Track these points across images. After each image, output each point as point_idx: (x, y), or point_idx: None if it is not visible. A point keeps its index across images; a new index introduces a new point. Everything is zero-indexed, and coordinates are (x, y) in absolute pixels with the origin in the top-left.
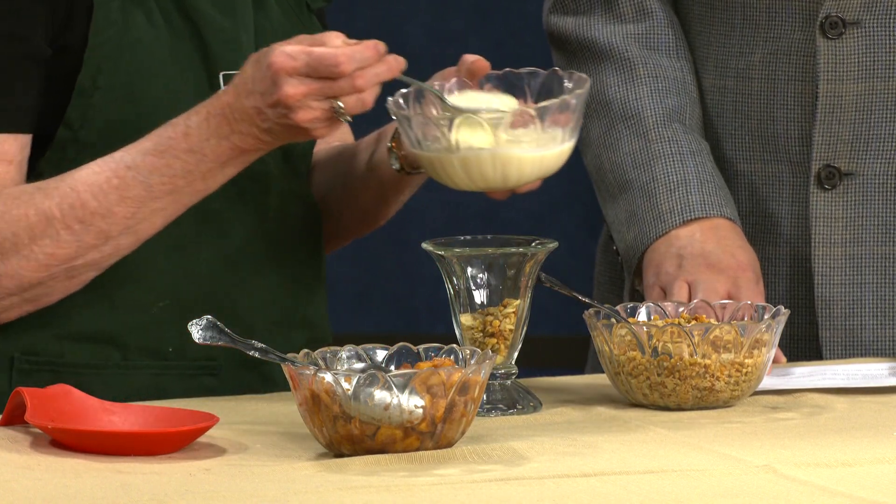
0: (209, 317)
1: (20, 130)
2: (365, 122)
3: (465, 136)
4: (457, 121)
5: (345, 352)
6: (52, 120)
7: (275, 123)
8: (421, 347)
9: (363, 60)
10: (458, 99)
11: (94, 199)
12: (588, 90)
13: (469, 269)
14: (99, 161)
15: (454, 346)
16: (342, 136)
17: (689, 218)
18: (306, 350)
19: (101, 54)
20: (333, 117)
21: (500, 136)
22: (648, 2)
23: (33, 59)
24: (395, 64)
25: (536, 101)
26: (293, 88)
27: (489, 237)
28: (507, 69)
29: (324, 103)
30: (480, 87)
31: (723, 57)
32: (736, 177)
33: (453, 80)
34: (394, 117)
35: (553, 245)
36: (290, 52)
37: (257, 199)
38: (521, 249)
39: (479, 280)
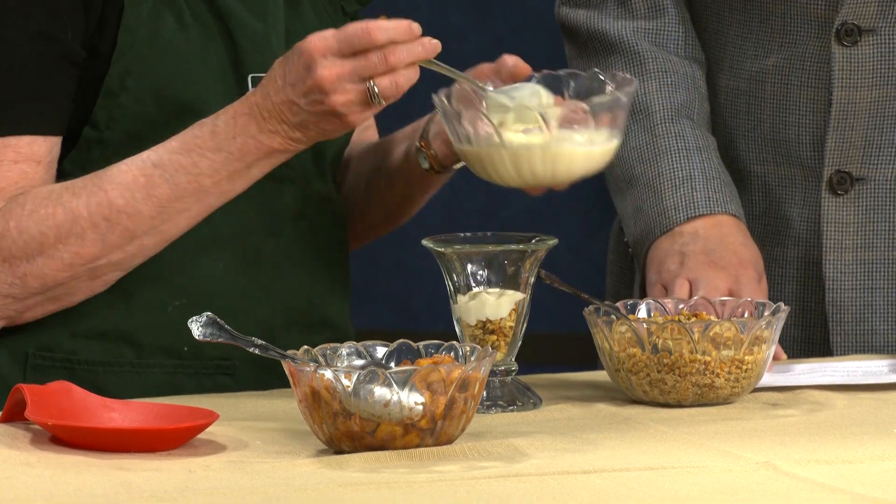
0: (209, 313)
1: (49, 133)
2: (397, 117)
3: (514, 132)
4: (509, 115)
5: (345, 348)
6: (79, 120)
7: (308, 113)
8: (421, 344)
9: (396, 34)
10: (498, 94)
11: (121, 196)
12: (635, 90)
13: (469, 266)
14: (127, 160)
15: (454, 342)
16: (370, 135)
17: (693, 214)
18: (306, 347)
19: (130, 55)
20: (367, 101)
21: (552, 130)
22: None
23: (67, 59)
24: (431, 46)
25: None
26: (327, 70)
27: (489, 234)
28: (547, 71)
29: (359, 85)
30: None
31: (738, 58)
32: (749, 177)
33: (487, 81)
34: (440, 112)
35: (553, 242)
36: (321, 34)
37: (281, 201)
38: (520, 246)
39: (479, 277)
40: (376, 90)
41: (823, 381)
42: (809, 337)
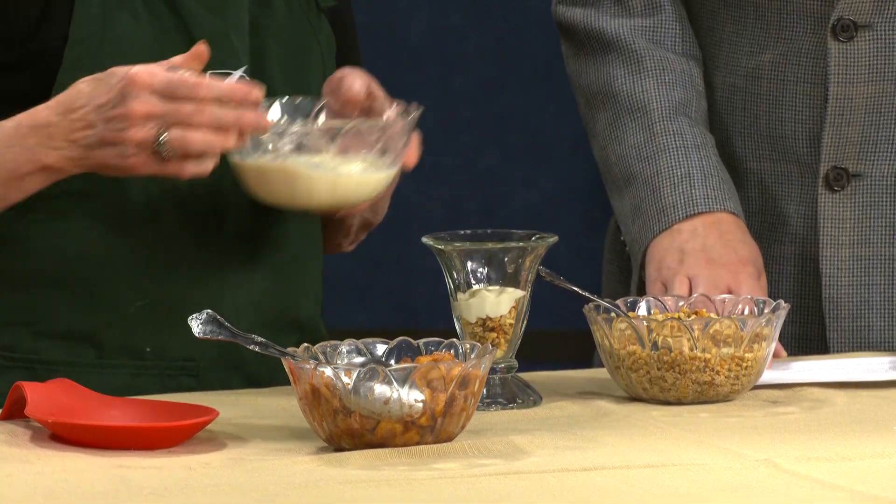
0: (209, 311)
1: None
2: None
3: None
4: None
5: (345, 346)
6: None
7: (99, 140)
8: (421, 342)
9: (225, 94)
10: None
11: None
12: (405, 124)
13: (469, 264)
14: None
15: (454, 340)
16: None
17: (692, 212)
18: (306, 344)
19: (81, 49)
20: (153, 150)
21: (285, 151)
22: None
23: None
24: (258, 120)
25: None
26: (142, 105)
27: (489, 231)
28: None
29: (155, 128)
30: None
31: (733, 55)
32: (746, 174)
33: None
34: None
35: (553, 239)
36: (152, 68)
37: (247, 201)
38: (520, 243)
39: (479, 274)
40: (165, 137)
41: (823, 379)
42: (806, 333)
